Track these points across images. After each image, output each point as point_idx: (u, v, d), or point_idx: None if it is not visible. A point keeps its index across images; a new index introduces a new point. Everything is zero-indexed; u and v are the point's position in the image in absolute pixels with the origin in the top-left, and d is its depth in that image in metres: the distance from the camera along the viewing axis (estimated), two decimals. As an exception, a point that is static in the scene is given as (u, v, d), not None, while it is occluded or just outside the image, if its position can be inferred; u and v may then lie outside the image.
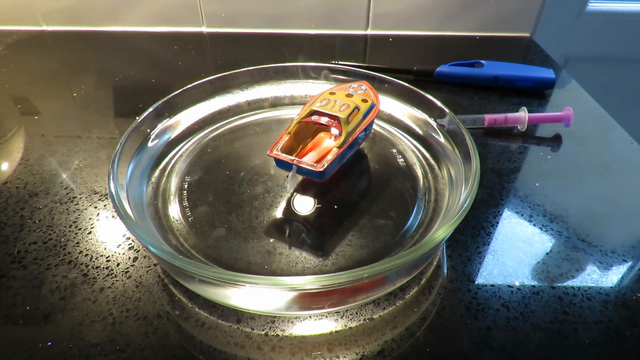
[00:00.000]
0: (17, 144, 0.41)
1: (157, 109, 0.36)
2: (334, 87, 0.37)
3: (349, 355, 0.23)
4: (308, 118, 0.33)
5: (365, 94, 0.36)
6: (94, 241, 0.30)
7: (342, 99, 0.34)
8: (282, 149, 0.32)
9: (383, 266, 0.22)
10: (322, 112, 0.33)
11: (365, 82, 0.38)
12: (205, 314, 0.25)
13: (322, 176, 0.31)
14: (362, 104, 0.34)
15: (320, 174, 0.30)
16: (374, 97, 0.36)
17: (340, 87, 0.37)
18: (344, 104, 0.33)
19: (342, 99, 0.34)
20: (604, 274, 0.28)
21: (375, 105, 0.35)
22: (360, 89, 0.36)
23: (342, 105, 0.33)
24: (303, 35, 0.65)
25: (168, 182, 0.34)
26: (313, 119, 0.33)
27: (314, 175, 0.31)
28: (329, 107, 0.33)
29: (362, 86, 0.37)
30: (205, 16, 0.64)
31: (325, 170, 0.30)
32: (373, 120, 0.35)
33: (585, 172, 0.37)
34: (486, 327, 0.25)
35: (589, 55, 0.77)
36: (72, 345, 0.24)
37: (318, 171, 0.30)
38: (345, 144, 0.32)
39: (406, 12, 0.63)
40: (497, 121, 0.42)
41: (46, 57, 0.60)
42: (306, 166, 0.30)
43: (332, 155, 0.31)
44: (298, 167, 0.31)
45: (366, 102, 0.34)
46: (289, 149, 0.33)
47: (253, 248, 0.29)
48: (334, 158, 0.31)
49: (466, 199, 0.26)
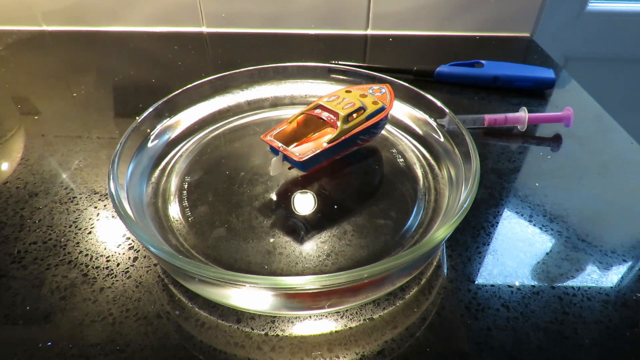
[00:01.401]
0: (17, 144, 0.41)
1: (157, 109, 0.36)
2: (354, 86, 0.37)
3: (349, 355, 0.23)
4: (311, 111, 0.34)
5: (382, 97, 0.35)
6: (94, 241, 0.30)
7: (353, 97, 0.34)
8: (278, 135, 0.33)
9: (383, 266, 0.22)
10: (325, 107, 0.33)
11: (387, 86, 0.37)
12: (205, 314, 0.25)
13: (304, 167, 0.32)
14: (371, 105, 0.34)
15: (301, 164, 0.31)
16: (389, 101, 0.35)
17: (361, 86, 0.37)
18: (350, 102, 0.33)
19: (352, 98, 0.34)
20: (604, 274, 0.28)
21: (385, 109, 0.34)
22: (379, 92, 0.36)
23: (348, 104, 0.33)
24: (303, 35, 0.65)
25: (168, 182, 0.34)
26: (315, 112, 0.33)
27: (297, 165, 0.32)
28: (334, 104, 0.33)
29: (382, 89, 0.37)
30: (205, 16, 0.64)
31: (305, 162, 0.31)
32: (379, 123, 0.34)
33: (585, 172, 0.37)
34: (486, 327, 0.25)
35: (589, 55, 0.77)
36: (72, 345, 0.24)
37: (298, 161, 0.31)
38: (336, 141, 0.32)
39: (406, 12, 0.63)
40: (497, 121, 0.42)
41: (46, 57, 0.60)
42: (290, 155, 0.31)
43: (317, 149, 0.31)
44: (284, 154, 0.31)
45: (376, 104, 0.34)
46: (287, 137, 0.34)
47: (253, 248, 0.29)
48: (318, 152, 0.31)
49: (466, 199, 0.26)
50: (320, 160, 0.33)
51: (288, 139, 0.34)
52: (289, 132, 0.34)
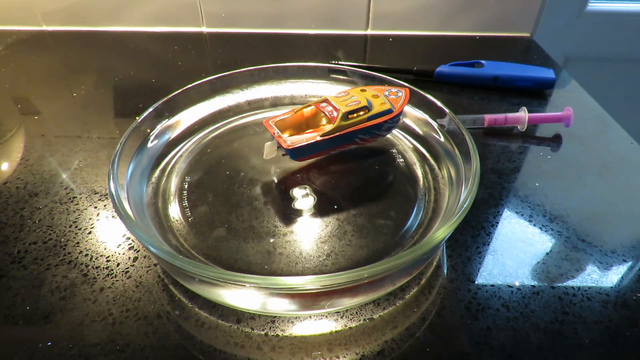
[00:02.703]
0: (17, 144, 0.41)
1: (157, 109, 0.36)
2: (372, 86, 0.37)
3: (349, 355, 0.23)
4: (317, 104, 0.35)
5: (394, 100, 0.35)
6: (94, 241, 0.30)
7: (362, 96, 0.34)
8: (279, 122, 0.34)
9: (383, 266, 0.22)
10: (330, 102, 0.34)
11: (406, 90, 0.36)
12: (205, 314, 0.25)
13: (292, 155, 0.33)
14: (378, 106, 0.34)
15: (290, 152, 0.32)
16: (401, 105, 0.35)
17: (378, 87, 0.37)
18: (357, 100, 0.33)
19: (361, 96, 0.34)
20: (604, 274, 0.28)
21: (391, 112, 0.34)
22: (395, 94, 0.36)
23: (354, 102, 0.33)
24: (303, 35, 0.65)
25: (168, 182, 0.34)
26: (321, 106, 0.34)
27: (288, 153, 0.33)
28: (340, 100, 0.34)
29: (399, 92, 0.36)
30: (205, 16, 0.64)
31: (293, 150, 0.32)
32: (382, 125, 0.34)
33: (585, 172, 0.37)
34: (486, 327, 0.25)
35: (589, 55, 0.77)
36: (72, 345, 0.24)
37: (286, 148, 0.32)
38: (329, 135, 0.32)
39: (406, 12, 0.63)
40: (497, 121, 0.42)
41: (46, 57, 0.60)
42: (281, 142, 0.32)
43: (308, 140, 0.32)
44: (277, 140, 0.33)
45: (384, 105, 0.34)
46: (288, 125, 0.35)
47: (253, 248, 0.29)
48: (309, 143, 0.32)
49: (466, 199, 0.26)
50: (311, 151, 0.33)
51: (289, 127, 0.35)
52: (291, 121, 0.35)
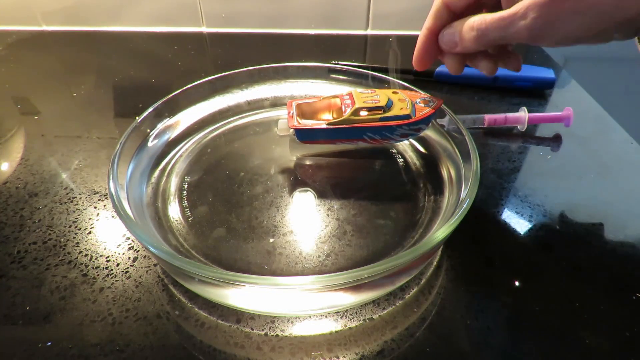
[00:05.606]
0: (17, 144, 0.41)
1: (157, 109, 0.36)
2: (408, 91, 0.36)
3: (348, 355, 0.23)
4: (341, 95, 0.35)
5: (420, 109, 0.34)
6: (94, 241, 0.30)
7: (387, 97, 0.34)
8: (300, 105, 0.36)
9: (383, 266, 0.22)
10: (352, 95, 0.34)
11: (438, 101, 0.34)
12: (205, 314, 0.25)
13: (297, 135, 0.34)
14: (398, 110, 0.33)
15: (296, 132, 0.34)
16: (422, 115, 0.33)
17: (412, 92, 0.36)
18: (377, 100, 0.33)
19: (384, 97, 0.34)
20: (603, 273, 0.28)
21: (409, 118, 0.33)
22: (425, 102, 0.34)
23: (373, 100, 0.33)
24: (303, 35, 0.65)
25: (168, 182, 0.34)
26: (343, 98, 0.35)
27: (295, 132, 0.34)
28: (361, 95, 0.34)
29: (432, 102, 0.34)
30: (205, 16, 0.64)
31: (299, 131, 0.34)
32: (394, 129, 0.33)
33: (585, 172, 0.37)
34: (486, 327, 0.25)
35: (589, 55, 0.77)
36: (72, 345, 0.24)
37: (292, 128, 0.34)
38: (335, 125, 0.33)
39: (406, 12, 0.63)
40: (497, 121, 0.42)
41: (46, 57, 0.60)
42: (290, 121, 0.34)
43: (312, 124, 0.34)
44: (288, 119, 0.35)
45: (404, 110, 0.33)
46: (308, 109, 0.36)
47: (253, 248, 0.29)
48: (314, 128, 0.33)
49: (466, 199, 0.26)
50: (316, 136, 0.34)
51: (310, 112, 0.36)
52: (314, 107, 0.36)
